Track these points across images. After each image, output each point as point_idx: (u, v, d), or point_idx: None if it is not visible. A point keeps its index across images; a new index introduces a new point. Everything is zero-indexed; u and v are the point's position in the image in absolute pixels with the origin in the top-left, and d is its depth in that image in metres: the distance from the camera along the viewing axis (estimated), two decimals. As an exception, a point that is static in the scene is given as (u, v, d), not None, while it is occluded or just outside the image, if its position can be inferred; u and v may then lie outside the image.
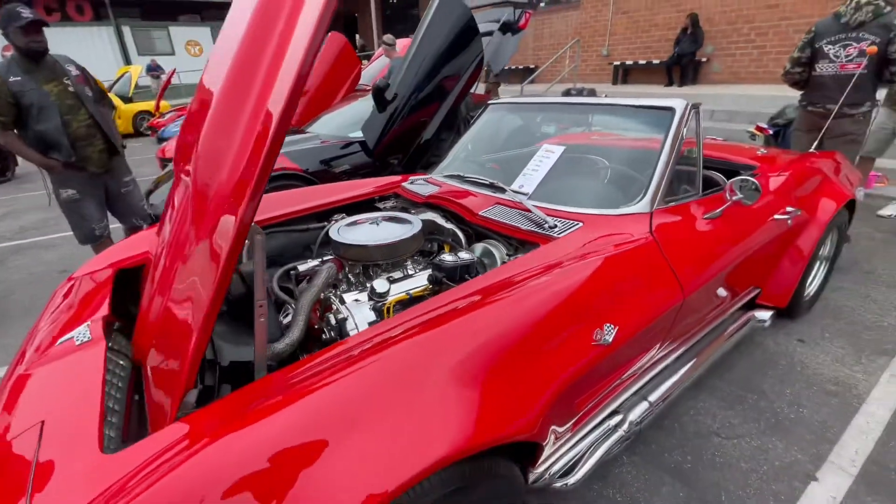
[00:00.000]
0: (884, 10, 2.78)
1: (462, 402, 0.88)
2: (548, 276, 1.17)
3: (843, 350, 2.10)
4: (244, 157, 0.85)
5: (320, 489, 0.74)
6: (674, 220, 1.53)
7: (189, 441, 0.76)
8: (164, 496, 0.68)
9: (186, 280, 0.97)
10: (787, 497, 1.42)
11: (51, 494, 0.76)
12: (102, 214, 2.68)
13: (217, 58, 1.20)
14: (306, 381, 0.85)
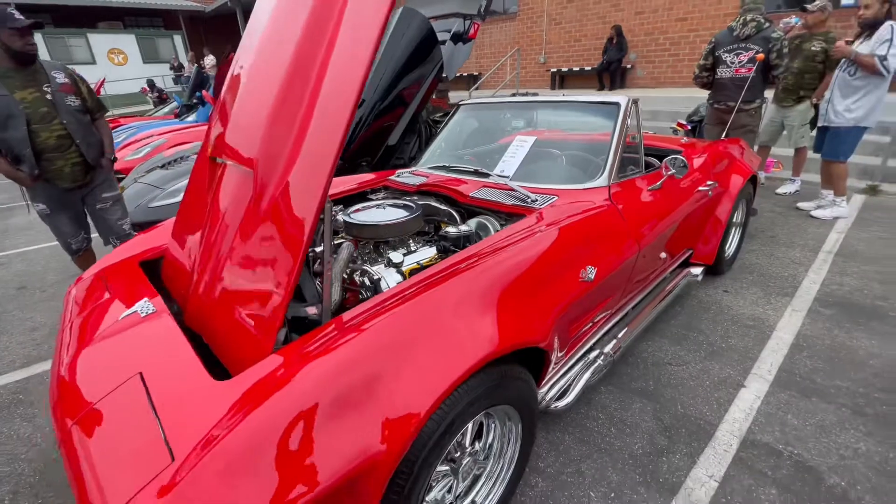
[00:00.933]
0: (764, 25, 3.44)
1: (493, 319, 1.15)
2: (539, 233, 1.47)
3: (757, 295, 2.62)
4: (322, 142, 1.07)
5: (400, 390, 0.96)
6: (625, 191, 1.90)
7: (292, 364, 0.97)
8: (288, 401, 0.88)
9: (261, 250, 1.15)
10: (726, 399, 1.83)
11: (184, 417, 0.92)
12: (78, 228, 2.59)
13: (264, 56, 1.37)
14: (368, 319, 1.07)
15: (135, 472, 0.83)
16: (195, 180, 1.65)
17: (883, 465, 1.50)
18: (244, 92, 1.39)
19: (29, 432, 1.83)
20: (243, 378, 0.97)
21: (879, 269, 2.84)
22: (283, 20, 1.35)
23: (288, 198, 1.12)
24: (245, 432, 0.82)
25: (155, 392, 1.00)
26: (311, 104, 1.15)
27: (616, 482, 1.49)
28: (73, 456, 0.94)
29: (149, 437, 0.89)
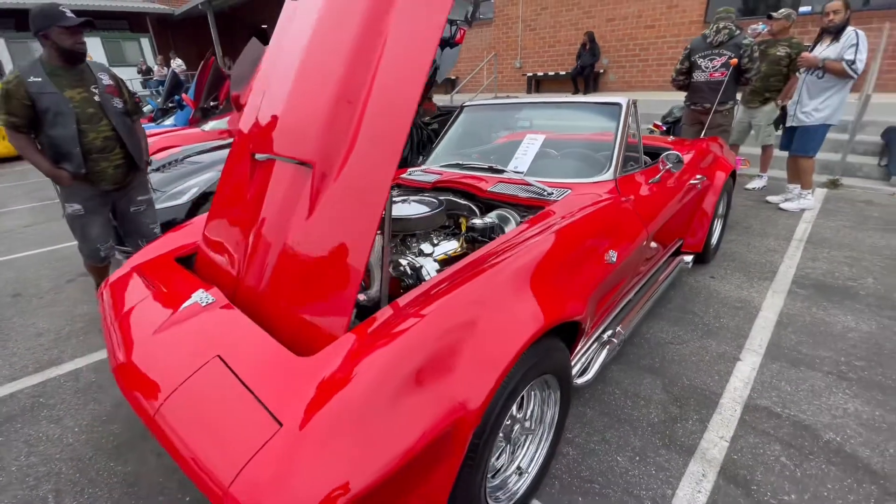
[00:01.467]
0: (735, 32, 3.73)
1: (542, 297, 1.26)
2: (564, 222, 1.61)
3: (740, 280, 2.84)
4: (386, 139, 1.16)
5: (471, 362, 1.05)
6: (630, 184, 2.07)
7: (370, 340, 1.05)
8: (379, 370, 0.97)
9: (329, 240, 1.22)
10: (725, 371, 2.01)
11: (279, 389, 0.99)
12: (108, 234, 2.49)
13: (314, 58, 1.44)
14: (425, 302, 1.16)
15: (244, 441, 0.90)
16: (230, 178, 1.70)
17: (871, 422, 1.71)
18: (294, 92, 1.45)
19: (58, 433, 1.82)
20: (327, 354, 1.05)
21: (846, 254, 3.13)
22: (331, 21, 1.44)
23: (355, 191, 1.20)
24: (347, 398, 0.91)
25: (240, 371, 1.06)
26: (370, 101, 1.24)
27: (639, 447, 1.64)
28: (170, 433, 1.00)
29: (249, 409, 0.96)
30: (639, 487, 1.48)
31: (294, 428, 0.89)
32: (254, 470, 0.84)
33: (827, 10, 3.52)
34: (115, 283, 1.68)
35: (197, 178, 3.21)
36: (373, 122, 1.23)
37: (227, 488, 0.84)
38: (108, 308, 1.54)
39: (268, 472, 0.83)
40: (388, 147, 1.17)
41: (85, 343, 2.46)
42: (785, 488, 1.46)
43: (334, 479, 0.82)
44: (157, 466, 1.64)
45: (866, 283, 2.74)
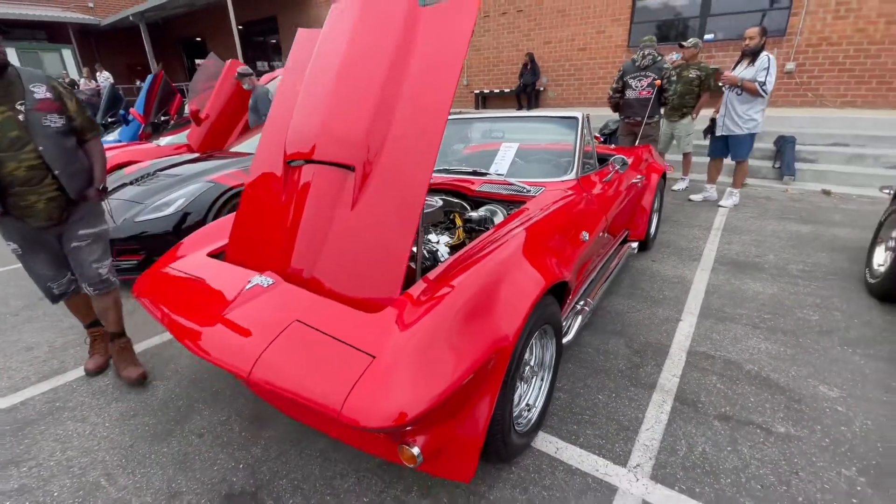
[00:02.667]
0: (657, 58, 4.45)
1: (543, 264, 1.63)
2: (546, 211, 2.00)
3: (675, 262, 3.42)
4: (422, 143, 1.48)
5: (505, 307, 1.39)
6: (589, 182, 2.53)
7: (422, 298, 1.36)
8: (439, 315, 1.28)
9: (377, 228, 1.50)
10: (671, 329, 2.50)
11: (361, 335, 1.26)
12: (60, 270, 2.12)
13: (350, 72, 1.71)
14: (453, 274, 1.49)
15: (345, 373, 1.16)
16: (260, 184, 1.92)
17: (777, 355, 2.25)
18: (334, 105, 1.71)
19: (88, 430, 1.91)
20: (391, 310, 1.34)
21: (753, 238, 3.85)
22: (365, 35, 1.71)
23: (395, 187, 1.50)
24: (419, 335, 1.21)
25: (322, 327, 1.32)
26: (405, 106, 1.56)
27: (613, 387, 2.04)
28: (273, 380, 1.22)
29: (341, 351, 1.22)
30: (618, 414, 1.88)
31: (385, 357, 1.17)
32: (361, 391, 1.11)
33: (745, 35, 4.22)
34: (155, 280, 1.83)
35: (183, 190, 3.28)
36: (409, 125, 1.54)
37: (340, 411, 1.10)
38: (158, 301, 1.69)
39: (371, 391, 1.11)
40: (424, 146, 1.49)
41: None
42: (721, 403, 1.92)
43: (420, 393, 1.11)
44: (202, 444, 1.79)
45: (769, 258, 3.42)
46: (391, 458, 1.33)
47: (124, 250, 3.18)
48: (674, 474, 1.58)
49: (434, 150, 1.47)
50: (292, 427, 1.86)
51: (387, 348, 1.20)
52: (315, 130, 1.73)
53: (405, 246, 1.43)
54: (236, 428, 1.88)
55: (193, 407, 2.02)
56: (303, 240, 1.68)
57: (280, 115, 1.95)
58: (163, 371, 2.30)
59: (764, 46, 4.22)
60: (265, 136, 2.00)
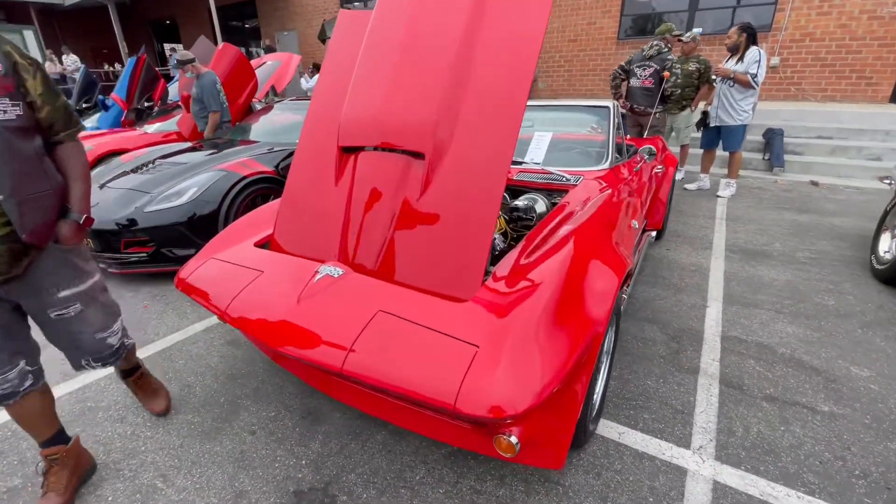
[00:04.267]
0: (663, 49, 4.51)
1: (615, 255, 1.63)
2: (598, 201, 2.01)
3: (688, 250, 3.51)
4: (500, 129, 1.45)
5: (592, 295, 1.39)
6: (621, 172, 2.55)
7: (509, 286, 1.35)
8: (535, 303, 1.27)
9: (454, 216, 1.46)
10: (700, 315, 2.57)
11: (454, 325, 1.24)
12: (9, 356, 1.35)
13: (415, 57, 1.63)
14: (533, 265, 1.48)
15: (449, 366, 1.14)
16: (307, 171, 1.85)
17: (805, 338, 2.34)
18: (398, 88, 1.64)
19: (129, 430, 1.81)
20: (478, 301, 1.32)
21: (756, 227, 3.98)
22: (428, 15, 1.64)
23: (472, 178, 1.47)
24: (523, 321, 1.20)
25: (410, 317, 1.28)
26: (477, 96, 1.52)
27: (659, 373, 2.09)
28: (372, 375, 1.17)
29: (440, 342, 1.20)
30: (670, 399, 1.92)
31: (489, 347, 1.15)
32: (472, 382, 1.09)
33: (728, 34, 4.43)
34: (204, 272, 1.74)
35: (194, 179, 3.14)
36: (481, 112, 1.50)
37: (454, 404, 1.07)
38: (214, 294, 1.61)
39: (483, 381, 1.09)
40: (500, 135, 1.46)
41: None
42: (765, 385, 1.99)
43: (535, 380, 1.10)
44: (257, 442, 1.73)
45: (776, 247, 3.55)
46: (483, 450, 1.32)
47: (133, 242, 3.03)
48: (737, 454, 1.63)
49: (512, 139, 1.44)
50: (347, 420, 1.83)
51: (488, 337, 1.18)
52: (376, 116, 1.68)
53: (484, 242, 1.40)
54: (289, 423, 1.83)
55: (238, 403, 1.95)
56: (366, 229, 1.63)
57: (327, 102, 1.88)
58: (194, 368, 2.21)
59: (750, 41, 4.37)
60: (310, 123, 1.92)
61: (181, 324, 2.61)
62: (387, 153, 1.67)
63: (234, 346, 2.36)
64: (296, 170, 1.89)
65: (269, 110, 4.89)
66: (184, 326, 2.59)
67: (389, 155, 1.67)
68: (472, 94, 1.53)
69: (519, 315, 1.23)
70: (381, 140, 1.67)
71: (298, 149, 1.91)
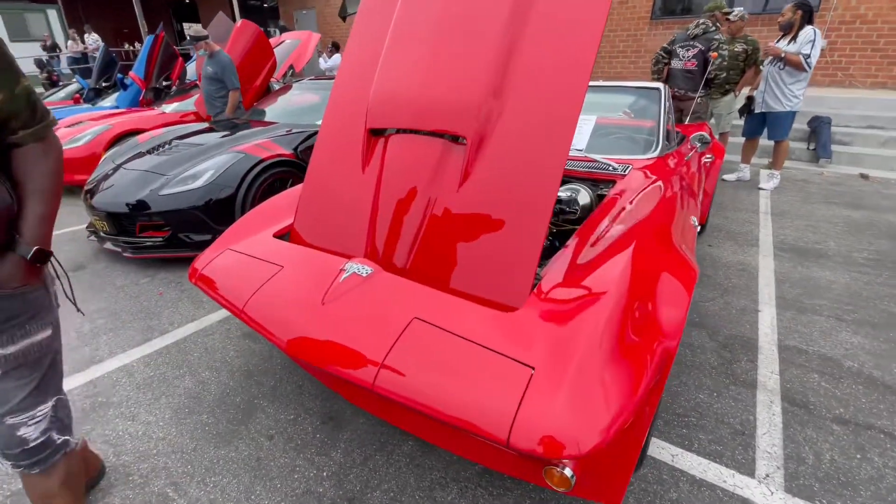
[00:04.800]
0: (710, 28, 4.17)
1: (682, 254, 1.43)
2: (655, 194, 1.80)
3: (733, 247, 3.26)
4: (559, 115, 1.25)
5: (662, 308, 1.20)
6: (672, 161, 2.31)
7: (563, 295, 1.16)
8: (599, 314, 1.08)
9: (502, 211, 1.28)
10: (753, 321, 2.35)
11: (501, 339, 1.07)
12: None
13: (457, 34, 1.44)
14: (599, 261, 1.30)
15: (500, 391, 0.96)
16: (333, 157, 1.68)
17: (874, 351, 2.11)
18: (436, 65, 1.45)
19: (141, 430, 1.71)
20: (527, 309, 1.14)
21: (806, 223, 3.69)
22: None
23: (521, 168, 1.27)
24: (587, 338, 1.02)
25: (450, 327, 1.12)
26: (529, 76, 1.32)
27: (712, 385, 1.89)
28: (408, 395, 1.02)
29: (487, 360, 1.03)
30: (727, 416, 1.73)
31: (547, 369, 0.98)
32: (527, 415, 0.92)
33: (783, 11, 4.07)
34: (219, 264, 1.60)
35: (210, 161, 3.00)
36: (534, 94, 1.30)
37: (507, 439, 0.90)
38: (229, 289, 1.47)
39: (541, 412, 0.92)
40: (556, 121, 1.26)
41: (118, 339, 2.27)
42: (833, 405, 1.78)
43: (601, 413, 0.92)
44: (274, 448, 1.61)
45: (829, 245, 3.27)
46: (529, 479, 1.16)
47: (147, 226, 2.92)
48: (810, 486, 1.44)
49: (570, 127, 1.24)
50: (370, 427, 1.69)
51: (545, 356, 1.01)
52: (409, 95, 1.49)
53: (536, 241, 1.22)
54: (308, 428, 1.70)
55: (254, 404, 1.83)
56: (396, 221, 1.45)
57: (354, 80, 1.70)
58: (209, 362, 2.09)
59: (805, 20, 4.02)
60: (335, 104, 1.74)
61: (197, 313, 2.50)
62: (421, 136, 1.48)
63: (251, 340, 2.24)
64: (319, 154, 1.72)
65: (288, 90, 4.72)
66: (199, 316, 2.47)
67: (424, 138, 1.48)
68: (523, 76, 1.33)
69: (581, 330, 1.04)
70: (414, 121, 1.48)
71: (322, 132, 1.74)
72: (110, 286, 2.83)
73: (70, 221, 3.99)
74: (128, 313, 2.51)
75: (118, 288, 2.80)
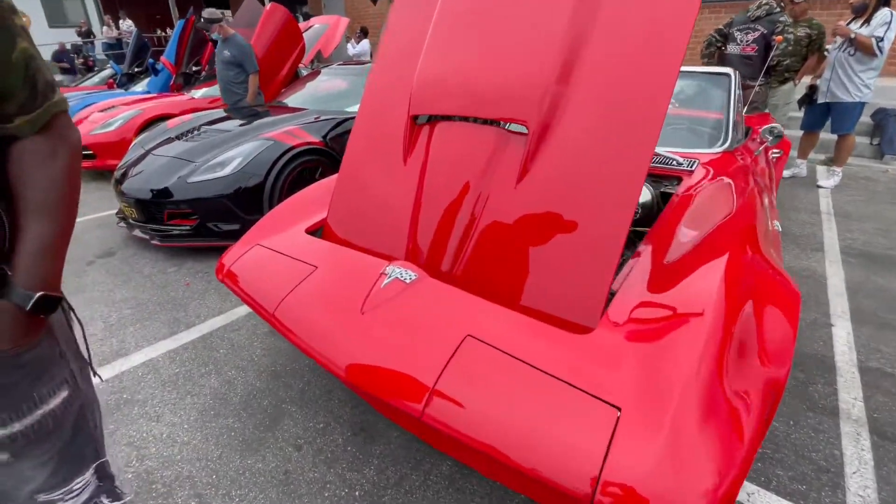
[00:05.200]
0: (775, 9, 3.80)
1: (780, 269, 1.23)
2: (724, 191, 1.58)
3: (796, 251, 2.98)
4: (644, 106, 1.06)
5: (770, 332, 1.01)
6: (741, 156, 2.07)
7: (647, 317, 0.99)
8: (705, 334, 0.91)
9: (555, 215, 1.11)
10: (827, 337, 2.10)
11: (576, 369, 0.90)
12: None
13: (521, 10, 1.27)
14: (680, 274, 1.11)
15: (582, 436, 0.80)
16: (370, 147, 1.53)
17: (972, 375, 1.85)
18: (493, 44, 1.28)
19: (165, 432, 1.62)
20: (607, 334, 0.97)
21: (875, 226, 3.36)
22: None
23: (596, 165, 1.09)
24: (687, 372, 0.84)
25: (512, 350, 0.96)
26: (606, 56, 1.13)
27: (788, 412, 1.68)
28: (453, 434, 0.87)
29: (560, 395, 0.86)
30: (807, 450, 1.52)
31: (639, 410, 0.81)
32: (615, 468, 0.75)
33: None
34: (248, 261, 1.48)
35: (239, 149, 2.90)
36: (612, 78, 1.11)
37: (592, 496, 0.74)
38: (259, 290, 1.35)
39: (633, 466, 0.75)
40: (641, 109, 1.07)
41: (145, 331, 2.20)
42: (934, 442, 1.55)
43: (709, 469, 0.75)
44: (303, 460, 1.50)
45: (905, 252, 2.95)
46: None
47: (175, 214, 2.85)
48: (917, 542, 1.24)
49: (657, 119, 1.05)
50: (405, 441, 1.55)
51: (632, 395, 0.83)
52: (461, 78, 1.32)
53: (613, 250, 1.03)
54: (339, 440, 1.58)
55: (282, 408, 1.72)
56: (444, 220, 1.29)
57: (394, 63, 1.53)
58: (236, 360, 2.00)
59: (882, 1, 3.61)
60: (373, 89, 1.59)
61: (223, 306, 2.42)
62: (472, 124, 1.31)
63: (278, 337, 2.14)
64: (355, 143, 1.57)
65: (317, 76, 4.59)
66: (226, 309, 2.39)
67: (476, 126, 1.31)
68: (598, 58, 1.14)
69: (675, 359, 0.87)
70: (465, 108, 1.31)
71: (358, 119, 1.58)
72: (138, 274, 2.78)
73: (101, 206, 3.99)
74: (154, 304, 2.45)
75: (146, 277, 2.75)
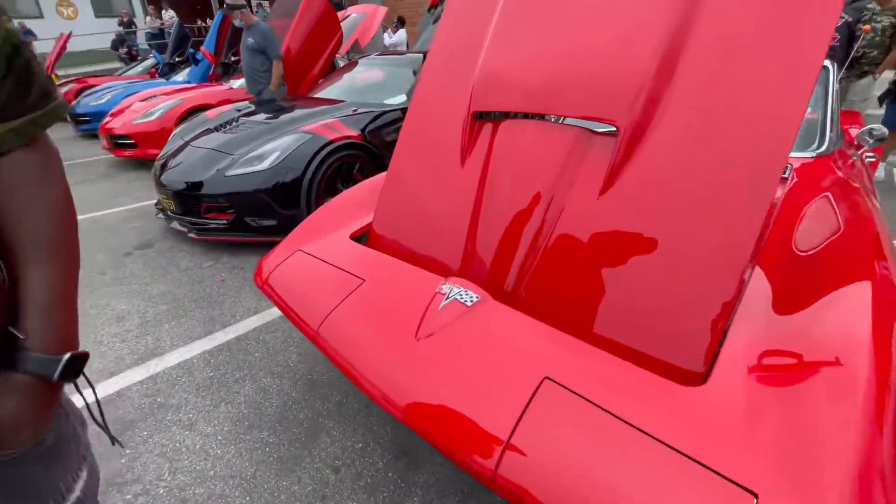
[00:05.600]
0: (861, -6, 3.42)
1: None
2: (832, 202, 1.35)
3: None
4: (783, 105, 0.86)
5: None
6: (840, 160, 1.81)
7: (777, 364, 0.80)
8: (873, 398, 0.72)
9: (670, 235, 0.93)
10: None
11: (690, 435, 0.74)
12: None
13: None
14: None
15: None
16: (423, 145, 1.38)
17: None
18: (582, 30, 1.10)
19: (199, 443, 1.54)
20: (727, 385, 0.78)
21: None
22: None
23: (715, 170, 0.90)
24: (834, 443, 0.65)
25: (605, 403, 0.79)
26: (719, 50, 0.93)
27: None
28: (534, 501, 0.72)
29: (671, 468, 0.69)
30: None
31: (781, 495, 0.63)
32: None
33: None
34: (286, 267, 1.36)
35: (277, 142, 2.81)
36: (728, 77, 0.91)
37: None
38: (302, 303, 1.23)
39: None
40: (770, 109, 0.87)
41: (180, 329, 2.15)
42: None
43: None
44: (341, 485, 1.38)
45: None
46: None
47: (212, 208, 2.80)
48: None
49: (793, 125, 0.85)
50: (450, 471, 1.41)
51: (771, 475, 0.65)
52: (532, 72, 1.15)
53: (729, 284, 0.85)
54: (379, 464, 1.45)
55: (319, 423, 1.61)
56: (509, 233, 1.13)
57: (452, 54, 1.37)
58: (271, 366, 1.91)
59: None
60: (427, 82, 1.43)
61: (259, 305, 2.34)
62: (545, 123, 1.14)
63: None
64: (405, 142, 1.42)
65: (354, 66, 4.47)
66: (262, 309, 2.31)
67: (550, 126, 1.14)
68: (711, 47, 0.94)
69: (821, 427, 0.68)
70: (538, 104, 1.14)
71: (409, 115, 1.43)
72: (174, 268, 2.75)
73: (141, 196, 4.02)
74: (190, 300, 2.40)
75: (182, 270, 2.71)
